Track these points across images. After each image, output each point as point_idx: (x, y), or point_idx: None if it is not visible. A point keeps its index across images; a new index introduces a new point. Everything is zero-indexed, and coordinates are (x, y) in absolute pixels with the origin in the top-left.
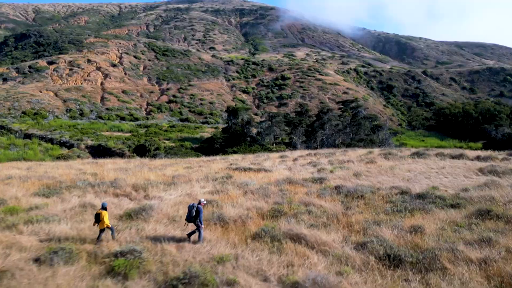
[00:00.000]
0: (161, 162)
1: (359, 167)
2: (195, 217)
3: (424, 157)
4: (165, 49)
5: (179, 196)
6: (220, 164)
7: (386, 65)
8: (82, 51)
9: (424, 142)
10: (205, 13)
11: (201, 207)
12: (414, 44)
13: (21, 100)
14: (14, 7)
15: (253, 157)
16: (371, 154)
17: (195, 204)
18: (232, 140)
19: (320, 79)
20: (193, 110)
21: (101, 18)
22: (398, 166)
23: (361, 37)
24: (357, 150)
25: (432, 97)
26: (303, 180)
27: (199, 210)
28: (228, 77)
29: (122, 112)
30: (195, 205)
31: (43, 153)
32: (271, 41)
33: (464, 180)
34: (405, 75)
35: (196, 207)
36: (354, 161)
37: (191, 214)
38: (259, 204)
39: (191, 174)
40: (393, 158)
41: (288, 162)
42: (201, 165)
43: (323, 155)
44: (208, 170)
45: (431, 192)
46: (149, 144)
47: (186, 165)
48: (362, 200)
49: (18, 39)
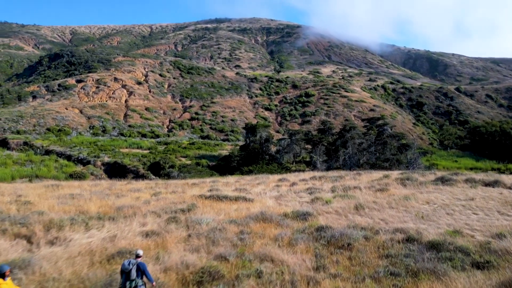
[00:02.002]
0: (140, 185)
1: (365, 197)
2: (139, 277)
3: (450, 183)
4: (190, 67)
5: (99, 239)
6: (199, 189)
7: (416, 82)
8: (110, 69)
9: (457, 163)
10: (232, 32)
11: (144, 263)
12: (446, 61)
13: (46, 117)
14: (52, 29)
15: (251, 179)
16: (387, 178)
17: (132, 260)
18: (249, 158)
19: (345, 96)
20: (214, 127)
21: (133, 38)
22: (415, 195)
23: (390, 54)
24: (373, 173)
25: (466, 115)
26: (282, 216)
27: (142, 267)
28: (251, 94)
29: (144, 129)
30: (133, 262)
31: (57, 170)
32: (296, 59)
33: (498, 219)
34: (436, 92)
35: (136, 264)
36: (362, 187)
37: (129, 277)
38: (192, 258)
39: (150, 203)
40: (412, 184)
41: (284, 187)
42: (178, 190)
43: (330, 179)
44: (177, 198)
45: (450, 239)
46: (164, 162)
47: (156, 191)
48: (347, 251)
49: (52, 59)
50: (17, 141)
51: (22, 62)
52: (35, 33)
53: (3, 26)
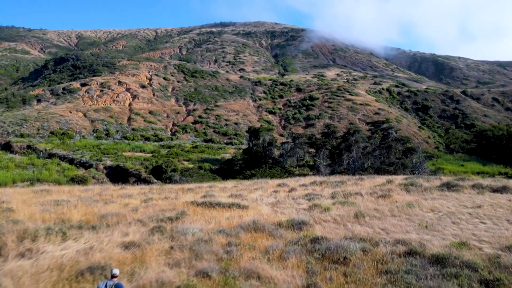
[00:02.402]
0: (134, 190)
1: (366, 203)
2: None
3: (456, 189)
4: (194, 70)
5: (74, 251)
6: (193, 195)
7: (421, 85)
8: (114, 73)
9: (463, 167)
10: (237, 36)
11: (121, 285)
12: (452, 64)
13: (50, 121)
14: (59, 34)
15: (249, 184)
16: (390, 184)
17: (109, 282)
18: (252, 162)
19: (350, 99)
20: (217, 131)
21: (138, 42)
22: (419, 202)
23: (395, 57)
24: (376, 178)
25: (472, 119)
26: (276, 225)
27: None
28: (255, 98)
29: (147, 132)
30: (110, 284)
31: (59, 174)
32: (301, 62)
33: (508, 229)
34: (442, 95)
35: (113, 286)
36: (364, 194)
37: None
38: (170, 275)
39: (138, 210)
40: (416, 190)
41: (282, 193)
42: (171, 196)
43: (331, 184)
44: (167, 204)
45: (456, 253)
46: (166, 166)
47: (148, 197)
48: (343, 266)
49: (57, 63)
50: (21, 145)
51: (28, 66)
52: (42, 37)
53: (10, 31)
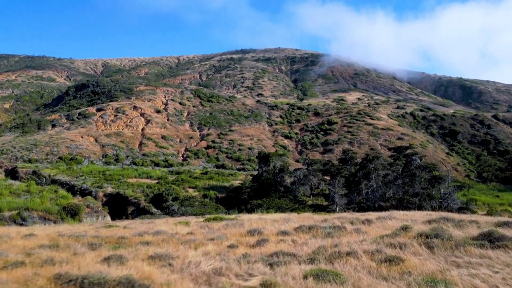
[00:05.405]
0: (86, 228)
1: (361, 277)
2: None
3: (502, 246)
4: (211, 95)
5: None
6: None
7: (448, 109)
8: (130, 98)
9: (499, 199)
10: (257, 62)
11: None
12: (481, 88)
13: (60, 145)
14: (85, 62)
15: (218, 227)
16: (405, 232)
17: None
18: (261, 190)
19: (371, 124)
20: (230, 156)
21: (160, 69)
22: (447, 275)
23: (419, 81)
24: (387, 222)
25: (506, 144)
26: None
27: None
28: (271, 122)
29: (158, 157)
30: None
31: (52, 202)
32: (320, 86)
33: None
34: (471, 120)
35: None
36: (361, 253)
37: None
38: None
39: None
40: (442, 247)
41: (241, 248)
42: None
43: (322, 230)
44: None
45: None
46: (167, 194)
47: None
48: None
49: (78, 89)
50: (26, 170)
51: (52, 93)
52: (69, 66)
53: (41, 60)
